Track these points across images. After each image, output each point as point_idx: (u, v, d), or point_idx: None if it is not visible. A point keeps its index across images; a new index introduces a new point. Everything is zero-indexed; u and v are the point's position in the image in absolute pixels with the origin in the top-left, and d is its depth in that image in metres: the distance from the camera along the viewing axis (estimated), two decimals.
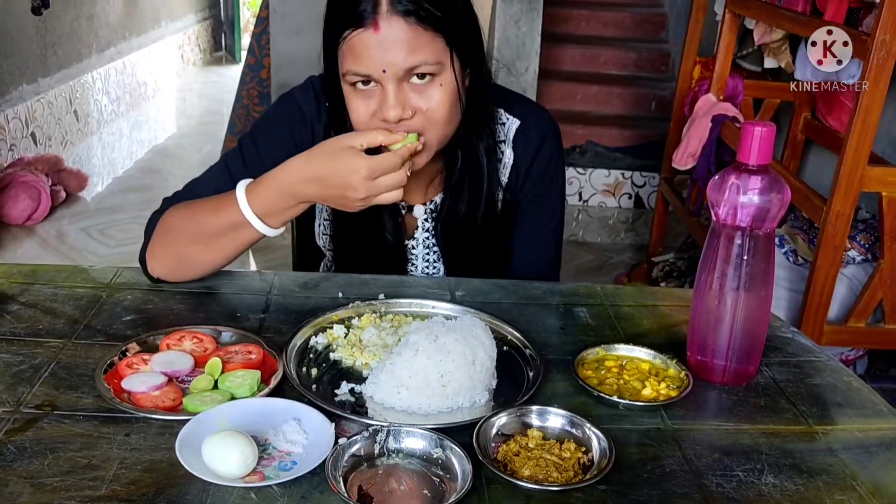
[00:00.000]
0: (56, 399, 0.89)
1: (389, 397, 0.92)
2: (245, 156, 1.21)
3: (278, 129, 1.23)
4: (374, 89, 1.06)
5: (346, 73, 1.06)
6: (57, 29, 4.46)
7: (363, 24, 1.02)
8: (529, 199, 1.29)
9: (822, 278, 2.01)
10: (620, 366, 1.01)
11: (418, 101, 1.06)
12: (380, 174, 1.02)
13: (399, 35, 1.02)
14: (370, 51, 1.03)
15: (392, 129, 1.06)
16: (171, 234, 1.15)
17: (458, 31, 1.08)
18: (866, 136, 1.88)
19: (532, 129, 1.26)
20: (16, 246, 3.42)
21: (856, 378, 1.03)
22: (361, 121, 1.09)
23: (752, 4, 2.55)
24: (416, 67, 1.04)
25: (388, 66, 1.03)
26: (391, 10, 1.02)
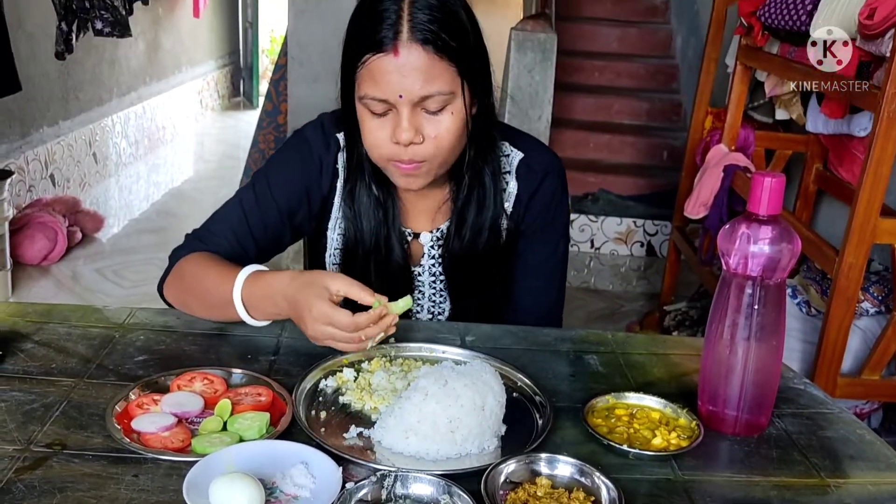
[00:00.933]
0: (66, 438, 0.89)
1: (398, 442, 0.91)
2: (257, 193, 1.26)
3: (288, 165, 1.28)
4: (389, 114, 1.11)
5: (363, 97, 1.10)
6: (79, 73, 4.56)
7: (383, 49, 1.07)
8: (532, 230, 1.32)
9: (836, 330, 2.00)
10: (631, 414, 1.00)
11: (429, 127, 1.11)
12: (327, 323, 1.03)
13: (417, 63, 1.07)
14: (388, 76, 1.07)
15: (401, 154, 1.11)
16: (182, 281, 1.22)
17: (470, 62, 1.12)
18: (878, 187, 1.89)
19: (536, 163, 1.29)
20: (31, 285, 3.45)
21: (868, 431, 1.02)
22: (375, 143, 1.13)
23: (763, 57, 2.58)
24: (430, 96, 1.08)
25: (404, 92, 1.07)
26: (411, 38, 1.06)
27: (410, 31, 1.06)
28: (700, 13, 4.66)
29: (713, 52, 3.10)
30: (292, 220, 1.28)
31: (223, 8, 7.29)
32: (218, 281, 1.16)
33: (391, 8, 1.07)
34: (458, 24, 1.10)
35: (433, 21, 1.07)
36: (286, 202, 1.26)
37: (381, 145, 1.12)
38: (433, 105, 1.09)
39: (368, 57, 1.08)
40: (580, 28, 5.13)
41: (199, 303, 1.19)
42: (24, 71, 3.64)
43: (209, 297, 1.17)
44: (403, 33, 1.06)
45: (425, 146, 1.11)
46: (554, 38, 3.73)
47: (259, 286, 1.12)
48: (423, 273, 1.33)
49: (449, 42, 1.08)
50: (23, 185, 3.96)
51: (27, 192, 4.01)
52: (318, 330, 1.04)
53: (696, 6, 4.78)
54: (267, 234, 1.27)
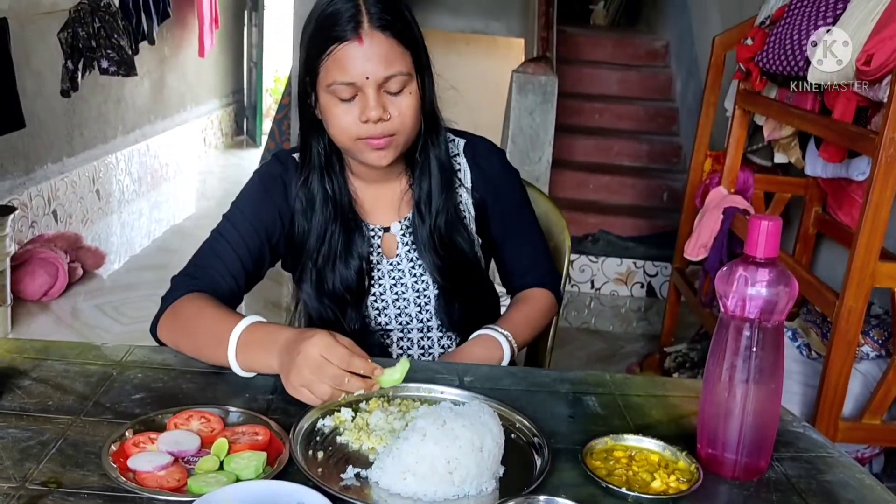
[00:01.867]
0: (62, 476, 0.89)
1: (395, 483, 0.91)
2: (233, 221, 1.35)
3: (254, 193, 1.38)
4: (354, 99, 1.22)
5: (331, 84, 1.21)
6: (84, 111, 4.61)
7: (348, 38, 1.19)
8: (495, 199, 1.44)
9: (836, 373, 1.99)
10: (629, 457, 1.00)
11: (392, 106, 1.23)
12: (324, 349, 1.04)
13: (379, 48, 1.20)
14: (355, 61, 1.20)
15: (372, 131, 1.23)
16: (177, 322, 1.24)
17: (418, 51, 1.26)
18: (877, 231, 1.90)
19: (479, 145, 1.46)
20: (30, 321, 3.44)
21: (868, 475, 1.01)
22: (344, 126, 1.24)
23: (762, 102, 2.61)
24: (392, 76, 1.21)
25: (370, 74, 1.20)
26: (371, 26, 1.20)
27: (370, 21, 1.20)
28: (699, 58, 4.72)
29: (712, 97, 3.13)
30: (270, 241, 1.36)
31: (228, 48, 7.39)
32: (215, 322, 1.17)
33: (349, 4, 1.21)
34: (406, 16, 1.25)
35: (387, 11, 1.21)
36: (262, 225, 1.35)
37: (350, 127, 1.23)
38: (394, 86, 1.22)
39: (334, 47, 1.20)
40: (581, 71, 5.20)
41: (189, 341, 1.20)
42: (29, 108, 3.69)
43: (202, 337, 1.18)
44: (364, 23, 1.20)
45: (392, 122, 1.23)
46: (555, 81, 3.78)
47: (259, 332, 1.13)
48: (402, 262, 1.40)
49: (402, 30, 1.23)
50: (25, 220, 3.98)
51: (29, 228, 4.03)
52: (308, 359, 1.03)
53: (695, 51, 4.85)
54: (252, 259, 1.34)
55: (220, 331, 1.15)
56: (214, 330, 1.16)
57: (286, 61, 6.20)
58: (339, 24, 1.20)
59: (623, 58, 5.44)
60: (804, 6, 2.30)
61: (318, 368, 1.04)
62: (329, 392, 1.04)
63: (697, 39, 4.81)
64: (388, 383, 1.08)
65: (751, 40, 2.61)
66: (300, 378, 1.04)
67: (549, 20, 4.41)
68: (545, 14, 4.44)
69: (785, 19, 2.38)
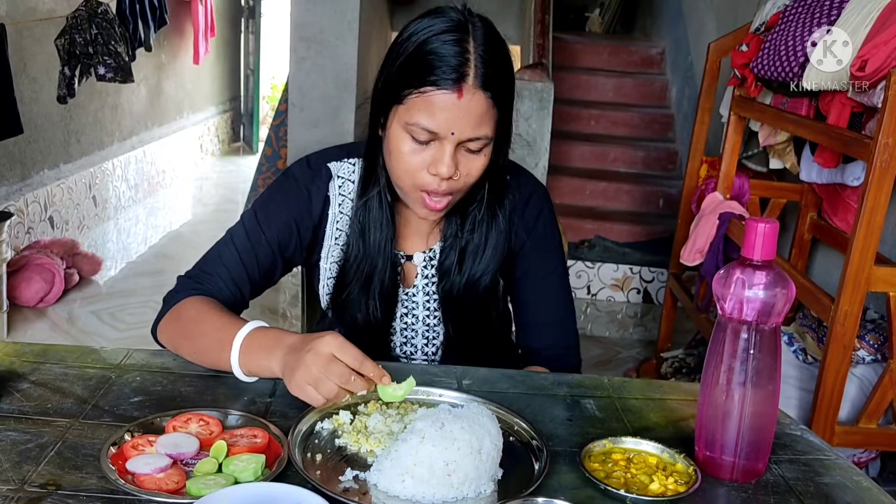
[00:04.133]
0: (60, 478, 0.89)
1: (394, 485, 0.91)
2: (248, 231, 1.29)
3: (276, 200, 1.32)
4: (430, 144, 1.14)
5: (412, 123, 1.13)
6: (81, 117, 4.61)
7: (447, 87, 1.10)
8: (527, 249, 1.35)
9: (832, 378, 2.00)
10: (628, 459, 1.00)
11: (464, 165, 1.16)
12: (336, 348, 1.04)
13: (475, 107, 1.12)
14: (446, 112, 1.11)
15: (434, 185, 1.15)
16: (178, 324, 1.22)
17: (509, 110, 1.19)
18: (872, 236, 1.90)
19: (521, 185, 1.35)
20: (26, 328, 3.44)
21: (866, 478, 1.02)
22: (409, 169, 1.16)
23: (757, 108, 2.62)
24: (477, 139, 1.14)
25: (457, 131, 1.12)
26: (475, 84, 1.11)
27: (475, 76, 1.11)
28: (694, 64, 4.74)
29: (707, 103, 3.15)
30: (283, 253, 1.31)
31: (225, 55, 7.40)
32: (218, 325, 1.17)
33: (459, 49, 1.11)
34: (509, 76, 1.17)
35: (496, 70, 1.13)
36: (277, 236, 1.29)
37: (415, 172, 1.16)
38: (475, 146, 1.15)
39: (430, 90, 1.11)
40: (577, 78, 5.22)
41: (190, 345, 1.19)
42: (26, 114, 3.68)
43: (203, 341, 1.17)
44: (469, 77, 1.10)
45: (458, 181, 1.17)
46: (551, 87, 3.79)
47: (265, 336, 1.13)
48: (418, 293, 1.36)
49: (502, 91, 1.15)
50: (21, 226, 3.98)
51: (26, 234, 4.02)
52: (319, 357, 1.03)
53: (690, 58, 4.87)
54: (260, 269, 1.30)
55: (223, 335, 1.14)
56: (218, 334, 1.15)
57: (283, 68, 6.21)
58: (443, 67, 1.10)
59: (619, 65, 5.46)
60: (799, 12, 2.32)
61: (327, 366, 1.03)
62: (335, 391, 1.03)
63: (693, 46, 4.83)
64: (389, 397, 1.07)
65: (746, 46, 2.62)
66: (307, 375, 1.03)
67: (545, 27, 4.43)
68: (541, 21, 4.45)
69: (780, 25, 2.39)
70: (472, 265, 1.31)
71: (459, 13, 1.14)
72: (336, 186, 1.31)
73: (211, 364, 1.17)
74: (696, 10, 4.86)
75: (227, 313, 1.20)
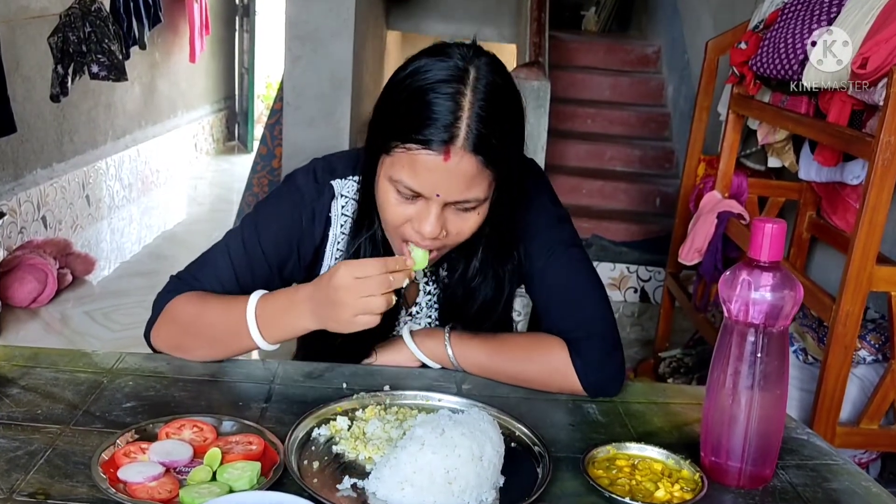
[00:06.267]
0: (50, 487, 0.86)
1: (393, 494, 0.89)
2: (245, 242, 1.22)
3: (279, 215, 1.24)
4: (417, 201, 1.07)
5: (396, 180, 1.06)
6: (74, 116, 4.57)
7: (434, 148, 1.02)
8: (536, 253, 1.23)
9: (834, 378, 1.98)
10: (632, 465, 0.98)
11: (453, 223, 1.09)
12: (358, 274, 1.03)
13: (463, 171, 1.03)
14: (431, 174, 1.03)
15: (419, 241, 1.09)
16: (176, 323, 1.19)
17: (510, 169, 1.10)
18: (873, 236, 1.89)
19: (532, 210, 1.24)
20: (19, 328, 3.40)
21: (874, 483, 1.00)
22: (395, 222, 1.10)
23: (756, 106, 2.61)
24: (467, 201, 1.06)
25: (443, 193, 1.04)
26: (464, 146, 1.02)
27: (466, 138, 1.01)
28: (691, 63, 4.73)
29: (705, 101, 3.13)
30: (281, 271, 1.24)
31: (220, 54, 7.36)
32: (223, 310, 1.14)
33: (452, 106, 1.02)
34: (511, 133, 1.08)
35: (491, 132, 1.03)
36: (275, 253, 1.22)
37: (399, 224, 1.10)
38: (464, 207, 1.07)
39: (415, 148, 1.02)
40: (573, 76, 5.20)
41: (198, 339, 1.17)
42: (19, 113, 3.65)
43: (213, 330, 1.15)
44: (459, 139, 1.01)
45: (447, 238, 1.10)
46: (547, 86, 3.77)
47: (277, 300, 1.11)
48: (421, 311, 1.31)
49: (499, 152, 1.05)
50: (14, 226, 3.94)
51: (18, 234, 3.99)
52: (348, 288, 1.02)
53: (686, 56, 4.85)
54: (255, 284, 1.20)
55: (231, 317, 1.12)
56: (225, 318, 1.12)
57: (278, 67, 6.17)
58: (431, 127, 1.01)
59: (615, 63, 5.44)
60: (798, 10, 2.30)
61: (360, 289, 1.02)
62: (385, 301, 1.03)
63: (689, 44, 4.82)
64: (421, 263, 1.09)
65: (744, 44, 2.60)
66: (352, 308, 1.02)
67: (541, 25, 4.41)
68: (537, 19, 4.43)
69: (779, 23, 2.38)
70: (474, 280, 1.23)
71: (463, 55, 1.05)
72: (339, 206, 1.24)
73: (226, 351, 1.15)
74: (691, 8, 4.84)
75: (224, 297, 1.16)
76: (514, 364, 1.19)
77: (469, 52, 1.06)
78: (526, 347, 1.21)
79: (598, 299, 1.22)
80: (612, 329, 1.20)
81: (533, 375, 1.18)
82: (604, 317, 1.20)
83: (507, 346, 1.22)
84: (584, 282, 1.22)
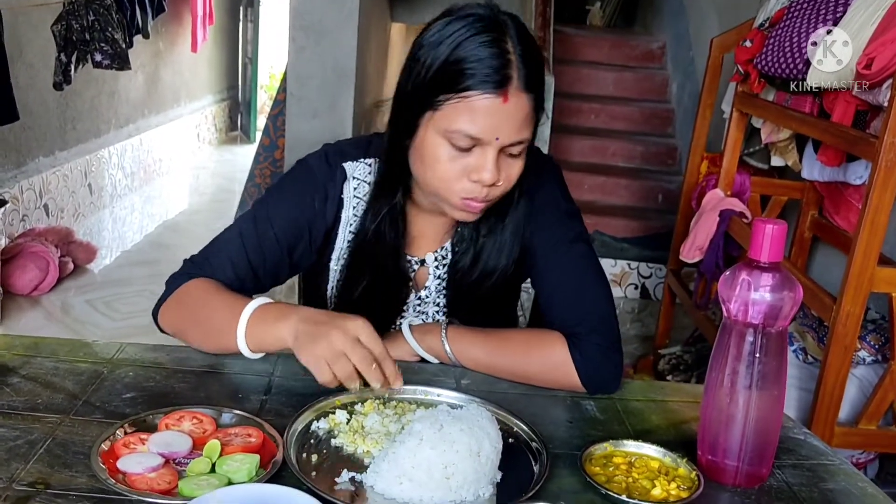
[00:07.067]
0: (49, 477, 0.86)
1: (391, 488, 0.89)
2: (257, 225, 1.23)
3: (291, 197, 1.25)
4: (472, 151, 1.09)
5: (453, 130, 1.08)
6: (77, 104, 4.57)
7: (492, 91, 1.05)
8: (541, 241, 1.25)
9: (833, 378, 1.98)
10: (629, 463, 0.98)
11: (505, 170, 1.12)
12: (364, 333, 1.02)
13: (519, 111, 1.08)
14: (490, 118, 1.07)
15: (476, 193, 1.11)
16: (182, 308, 1.19)
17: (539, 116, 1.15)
18: (875, 236, 1.89)
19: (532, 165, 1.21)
20: (20, 316, 3.41)
21: (871, 484, 1.00)
22: (449, 177, 1.11)
23: (760, 104, 2.60)
24: (520, 142, 1.10)
25: (502, 136, 1.08)
26: (519, 87, 1.07)
27: (519, 78, 1.07)
28: (695, 59, 4.72)
29: (709, 98, 3.12)
30: (292, 255, 1.25)
31: (223, 44, 7.35)
32: (224, 306, 1.14)
33: (499, 51, 1.06)
34: (544, 79, 1.13)
35: (536, 72, 1.09)
36: (286, 237, 1.23)
37: (453, 180, 1.11)
38: (516, 150, 1.11)
39: (473, 94, 1.06)
40: (577, 71, 5.19)
41: (196, 328, 1.17)
42: (22, 100, 3.65)
43: (209, 323, 1.15)
44: (513, 80, 1.06)
45: (498, 188, 1.13)
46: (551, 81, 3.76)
47: (272, 309, 1.10)
48: (430, 294, 1.32)
49: (541, 94, 1.11)
50: (16, 214, 3.95)
51: (20, 222, 3.99)
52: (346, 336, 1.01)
53: (691, 52, 4.84)
54: (266, 267, 1.24)
55: (230, 313, 1.12)
56: (224, 312, 1.12)
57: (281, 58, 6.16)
58: (485, 70, 1.05)
59: (619, 58, 5.43)
60: (804, 8, 2.29)
61: (351, 347, 1.01)
62: (350, 373, 1.01)
63: (694, 41, 4.80)
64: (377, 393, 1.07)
65: (749, 42, 2.59)
66: (328, 350, 1.01)
67: (546, 20, 4.40)
68: (542, 14, 4.42)
69: (784, 21, 2.37)
70: (485, 264, 1.26)
71: (488, 10, 1.09)
72: (351, 188, 1.26)
73: (216, 346, 1.15)
74: (697, 4, 4.83)
75: (231, 295, 1.16)
76: (513, 359, 1.19)
77: (487, 7, 1.11)
78: (524, 343, 1.21)
79: (602, 296, 1.23)
80: (613, 326, 1.21)
81: (531, 371, 1.18)
82: (606, 313, 1.21)
83: (505, 341, 1.22)
84: (588, 278, 1.24)
